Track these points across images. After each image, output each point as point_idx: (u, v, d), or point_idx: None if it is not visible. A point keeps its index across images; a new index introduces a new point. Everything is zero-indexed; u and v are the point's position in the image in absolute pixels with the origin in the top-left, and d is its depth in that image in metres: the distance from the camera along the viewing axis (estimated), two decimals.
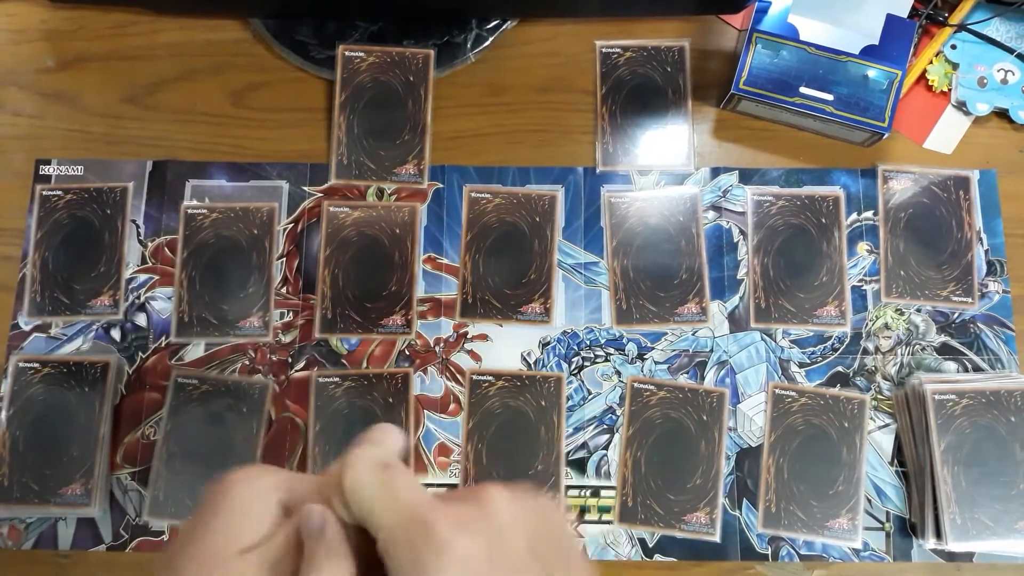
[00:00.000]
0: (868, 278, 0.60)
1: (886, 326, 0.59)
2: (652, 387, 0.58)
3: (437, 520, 0.24)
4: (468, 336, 0.59)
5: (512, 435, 0.57)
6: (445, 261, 0.60)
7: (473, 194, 0.61)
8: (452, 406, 0.58)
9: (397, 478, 0.26)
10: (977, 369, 0.58)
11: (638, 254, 0.60)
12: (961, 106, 0.63)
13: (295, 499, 0.28)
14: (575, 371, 0.58)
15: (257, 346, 0.58)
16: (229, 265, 0.60)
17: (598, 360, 0.58)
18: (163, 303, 0.59)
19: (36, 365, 0.57)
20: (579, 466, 0.56)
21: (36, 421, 0.56)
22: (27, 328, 0.59)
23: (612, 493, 0.56)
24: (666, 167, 0.62)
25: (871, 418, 0.57)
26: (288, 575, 0.27)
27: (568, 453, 0.57)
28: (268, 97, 0.64)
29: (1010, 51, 0.63)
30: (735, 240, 0.60)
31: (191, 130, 0.63)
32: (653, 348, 0.59)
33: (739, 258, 0.60)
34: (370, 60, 0.63)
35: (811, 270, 0.60)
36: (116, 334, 0.59)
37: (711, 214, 0.61)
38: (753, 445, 0.57)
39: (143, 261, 0.60)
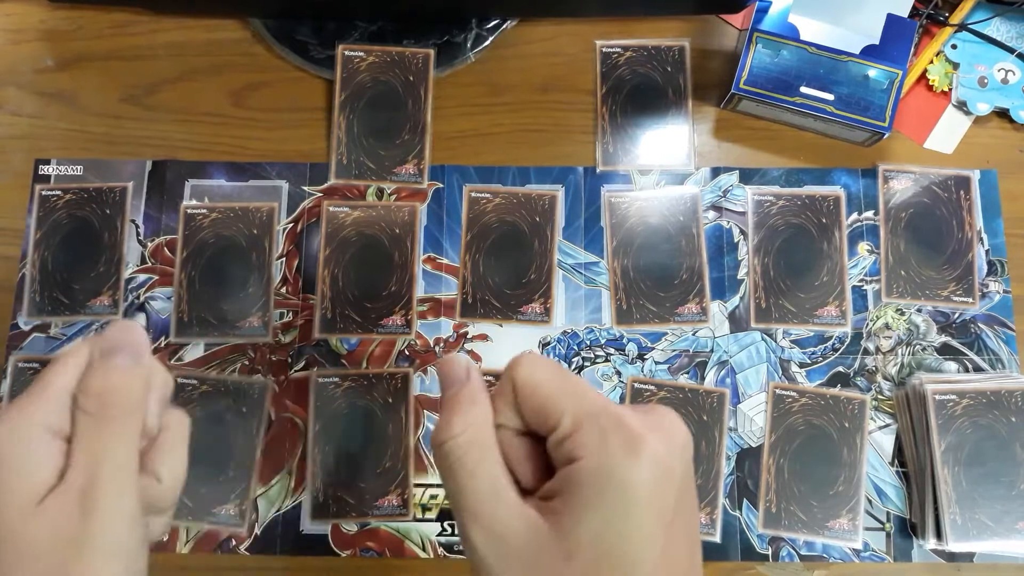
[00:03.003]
0: (868, 278, 0.60)
1: (886, 326, 0.59)
2: (652, 387, 0.58)
3: (627, 415, 0.25)
4: (468, 336, 0.59)
5: None
6: (445, 261, 0.60)
7: (473, 194, 0.61)
8: None
9: (572, 374, 0.28)
10: (978, 369, 0.58)
11: (638, 254, 0.60)
12: (961, 106, 0.63)
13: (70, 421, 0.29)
14: (575, 371, 0.58)
15: (257, 346, 0.58)
16: (229, 265, 0.60)
17: (598, 360, 0.58)
18: (163, 303, 0.59)
19: (36, 365, 0.57)
20: None
21: None
22: (27, 328, 0.59)
23: None
24: (666, 167, 0.62)
25: (871, 418, 0.57)
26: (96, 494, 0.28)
27: None
28: (268, 97, 0.64)
29: (1010, 51, 0.63)
30: (735, 240, 0.60)
31: (191, 130, 0.63)
32: (653, 348, 0.59)
33: (739, 258, 0.60)
34: (370, 60, 0.63)
35: (811, 270, 0.60)
36: None
37: (711, 214, 0.61)
38: (753, 445, 0.57)
39: (143, 261, 0.60)
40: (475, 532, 0.25)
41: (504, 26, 0.64)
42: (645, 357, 0.58)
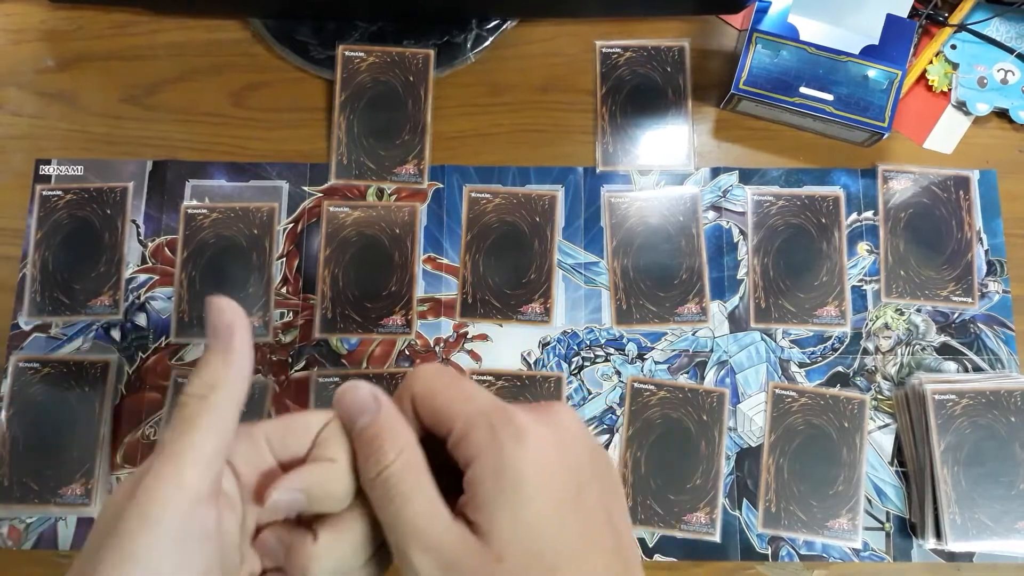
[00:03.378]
0: (868, 278, 0.60)
1: (886, 326, 0.59)
2: (652, 387, 0.58)
3: (516, 411, 0.27)
4: (468, 336, 0.59)
5: None
6: (445, 261, 0.60)
7: (473, 194, 0.61)
8: None
9: (467, 380, 0.28)
10: (977, 369, 0.58)
11: (638, 254, 0.60)
12: (961, 106, 0.63)
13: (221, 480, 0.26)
14: (575, 371, 0.58)
15: (257, 346, 0.58)
16: (229, 265, 0.60)
17: (598, 360, 0.58)
18: (163, 303, 0.59)
19: (36, 365, 0.57)
20: None
21: (36, 421, 0.56)
22: (27, 328, 0.59)
23: None
24: (666, 167, 0.62)
25: (871, 418, 0.57)
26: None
27: None
28: (268, 97, 0.64)
29: (1010, 51, 0.63)
30: (735, 240, 0.60)
31: (191, 130, 0.63)
32: (653, 348, 0.59)
33: (739, 258, 0.60)
34: (370, 60, 0.63)
35: (811, 270, 0.60)
36: (116, 334, 0.59)
37: (711, 214, 0.61)
38: (753, 445, 0.57)
39: (143, 261, 0.60)
40: (418, 556, 0.25)
41: (504, 26, 0.65)
42: (645, 357, 0.58)
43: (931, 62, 0.63)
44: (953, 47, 0.63)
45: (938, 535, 0.53)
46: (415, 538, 0.25)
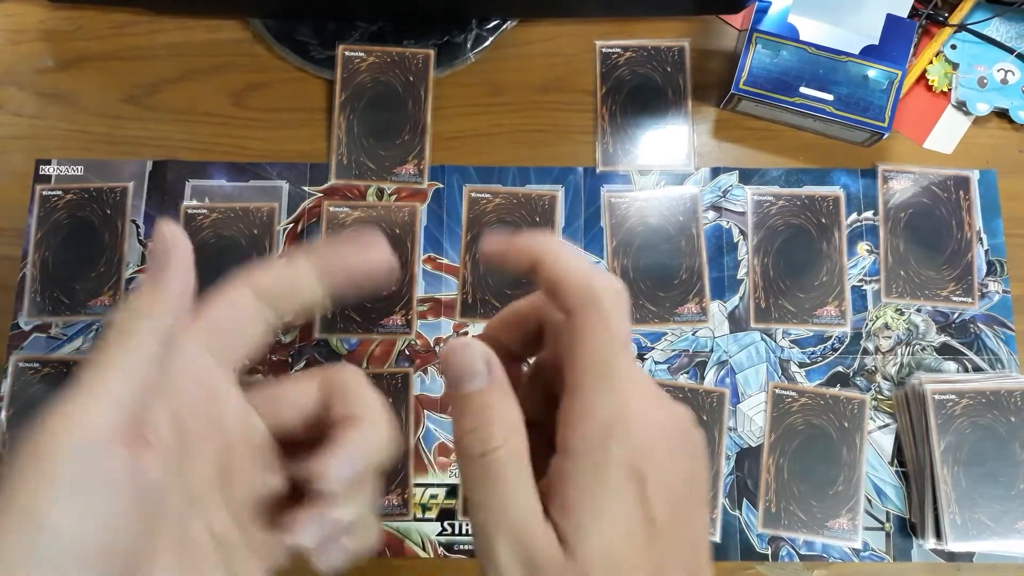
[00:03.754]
0: (868, 278, 0.60)
1: (886, 326, 0.59)
2: None
3: (635, 423, 0.24)
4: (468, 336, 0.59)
5: None
6: (445, 261, 0.60)
7: (473, 194, 0.61)
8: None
9: (629, 346, 0.26)
10: (977, 369, 0.58)
11: (638, 254, 0.60)
12: (961, 106, 0.63)
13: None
14: None
15: None
16: (229, 265, 0.59)
17: None
18: None
19: (36, 365, 0.57)
20: None
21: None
22: (27, 328, 0.59)
23: None
24: (666, 167, 0.62)
25: (871, 418, 0.57)
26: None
27: None
28: (268, 97, 0.64)
29: (1010, 51, 0.63)
30: (735, 240, 0.60)
31: (191, 130, 0.63)
32: (653, 348, 0.59)
33: (739, 258, 0.60)
34: (370, 60, 0.63)
35: (811, 270, 0.60)
36: None
37: (711, 214, 0.61)
38: (753, 445, 0.57)
39: (143, 261, 0.60)
40: (505, 547, 0.23)
41: (504, 26, 0.65)
42: (645, 357, 0.58)
43: (931, 62, 0.63)
44: (953, 47, 0.63)
45: (938, 535, 0.53)
46: (507, 528, 0.23)
